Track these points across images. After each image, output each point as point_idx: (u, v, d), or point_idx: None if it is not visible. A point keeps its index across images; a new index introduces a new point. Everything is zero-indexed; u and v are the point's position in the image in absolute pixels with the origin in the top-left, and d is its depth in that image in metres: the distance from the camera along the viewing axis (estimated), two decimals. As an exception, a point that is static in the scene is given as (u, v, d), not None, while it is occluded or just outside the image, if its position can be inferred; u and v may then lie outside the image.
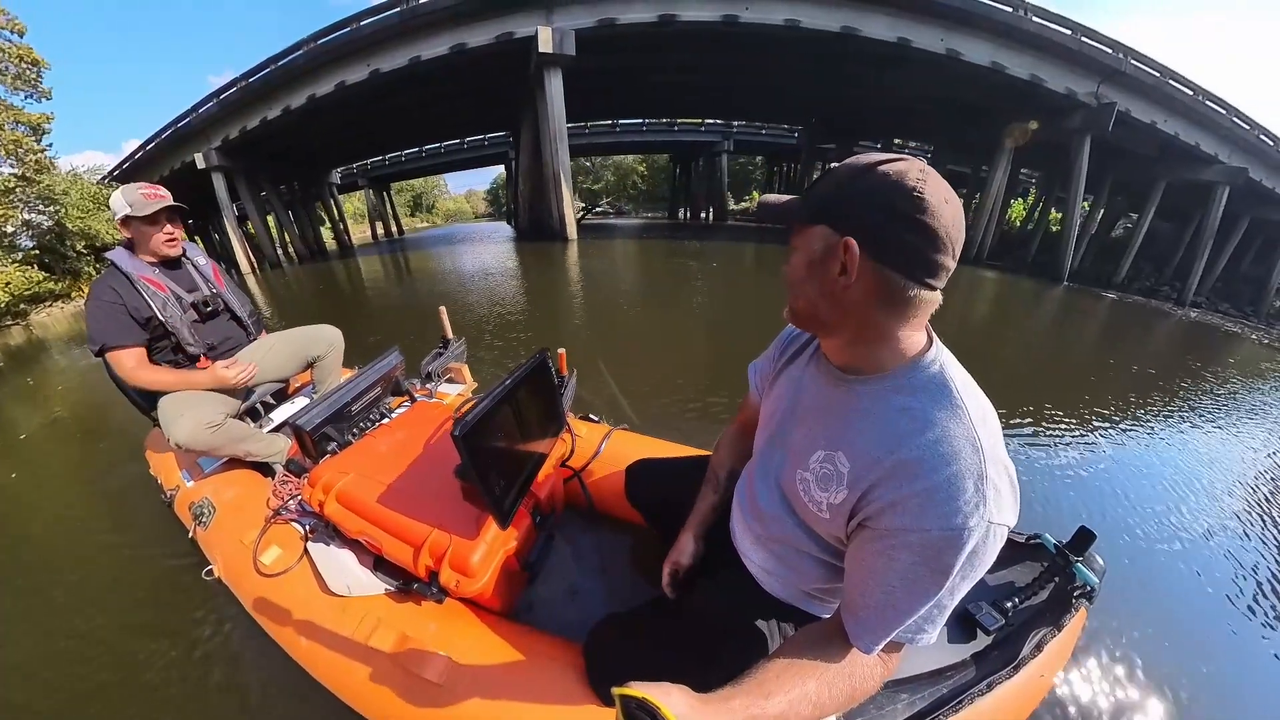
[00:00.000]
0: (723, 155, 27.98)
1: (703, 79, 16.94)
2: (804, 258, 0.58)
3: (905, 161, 0.52)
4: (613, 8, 11.62)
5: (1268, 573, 1.93)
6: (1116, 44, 12.12)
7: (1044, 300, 9.25)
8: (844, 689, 0.57)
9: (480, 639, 1.01)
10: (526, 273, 9.67)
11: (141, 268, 1.59)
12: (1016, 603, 1.07)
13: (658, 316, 5.72)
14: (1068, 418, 3.13)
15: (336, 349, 2.02)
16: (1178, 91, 12.70)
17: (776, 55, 13.75)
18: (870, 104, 18.36)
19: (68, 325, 9.76)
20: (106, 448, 2.94)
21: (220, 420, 1.56)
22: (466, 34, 11.99)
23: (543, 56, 11.64)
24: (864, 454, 0.57)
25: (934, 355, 0.58)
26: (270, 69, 13.39)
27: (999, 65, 12.26)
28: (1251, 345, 7.76)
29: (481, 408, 0.93)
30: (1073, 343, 5.83)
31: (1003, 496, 0.51)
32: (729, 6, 11.61)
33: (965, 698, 0.91)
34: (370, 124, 18.33)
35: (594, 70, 14.02)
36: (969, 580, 0.53)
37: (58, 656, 1.47)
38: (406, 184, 49.26)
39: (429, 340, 2.00)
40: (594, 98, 19.09)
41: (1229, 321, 10.80)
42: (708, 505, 0.99)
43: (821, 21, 11.75)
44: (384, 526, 1.09)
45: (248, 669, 1.34)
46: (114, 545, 1.95)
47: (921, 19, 11.82)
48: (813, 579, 0.75)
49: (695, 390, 3.19)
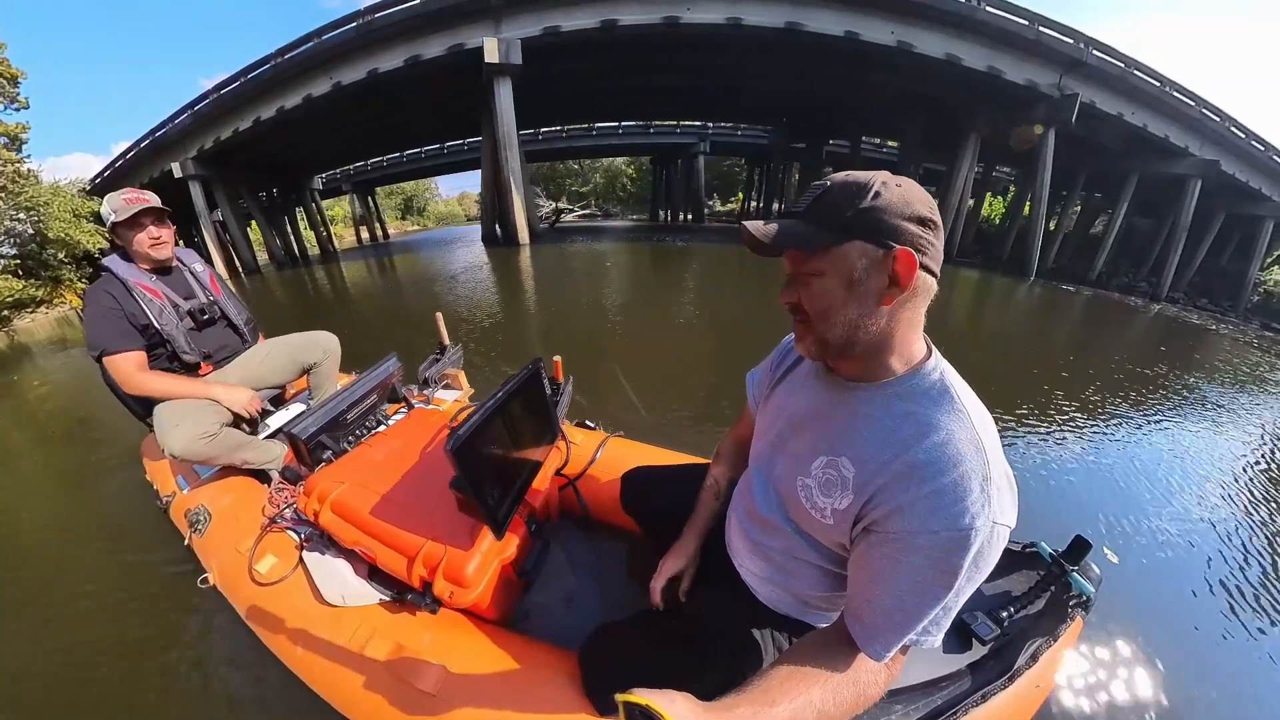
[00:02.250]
0: (699, 157, 28.23)
1: (669, 80, 17.20)
2: (840, 279, 0.55)
3: (889, 174, 0.54)
4: (556, 15, 11.90)
5: (1258, 573, 1.94)
6: (1077, 34, 12.10)
7: (1001, 297, 9.21)
8: (849, 696, 0.57)
9: (475, 648, 1.01)
10: (451, 278, 10.01)
11: (137, 274, 1.59)
12: (1012, 612, 1.07)
13: (538, 322, 5.79)
14: (1006, 416, 3.14)
15: (333, 355, 2.01)
16: (1143, 82, 12.73)
17: (735, 55, 13.87)
18: (839, 103, 18.51)
19: (50, 331, 9.89)
20: (100, 450, 2.94)
21: (216, 430, 1.56)
22: (421, 46, 12.39)
23: (490, 66, 11.99)
24: (870, 459, 0.58)
25: (934, 364, 0.59)
26: (240, 82, 13.79)
27: (954, 57, 12.27)
28: (1215, 338, 7.80)
29: (475, 420, 0.93)
30: (1024, 339, 5.81)
31: (1005, 498, 0.52)
32: (670, 8, 11.77)
33: (960, 708, 0.91)
34: (348, 131, 18.63)
35: (559, 75, 14.40)
36: (974, 582, 0.53)
37: (50, 664, 1.46)
38: (398, 187, 49.09)
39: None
40: (566, 102, 19.47)
41: (1205, 317, 10.81)
42: (709, 513, 0.99)
43: (765, 18, 11.83)
44: (378, 536, 1.09)
45: (242, 678, 1.34)
46: (108, 551, 1.95)
47: (870, 11, 11.84)
48: (812, 587, 0.75)
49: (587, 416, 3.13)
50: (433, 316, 1.96)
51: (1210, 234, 16.78)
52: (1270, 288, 15.24)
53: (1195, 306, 13.08)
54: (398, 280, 11.29)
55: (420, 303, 7.68)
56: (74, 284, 14.16)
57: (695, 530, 0.98)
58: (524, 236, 13.80)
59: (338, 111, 14.82)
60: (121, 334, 1.52)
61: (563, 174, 45.27)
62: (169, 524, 1.70)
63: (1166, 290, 14.35)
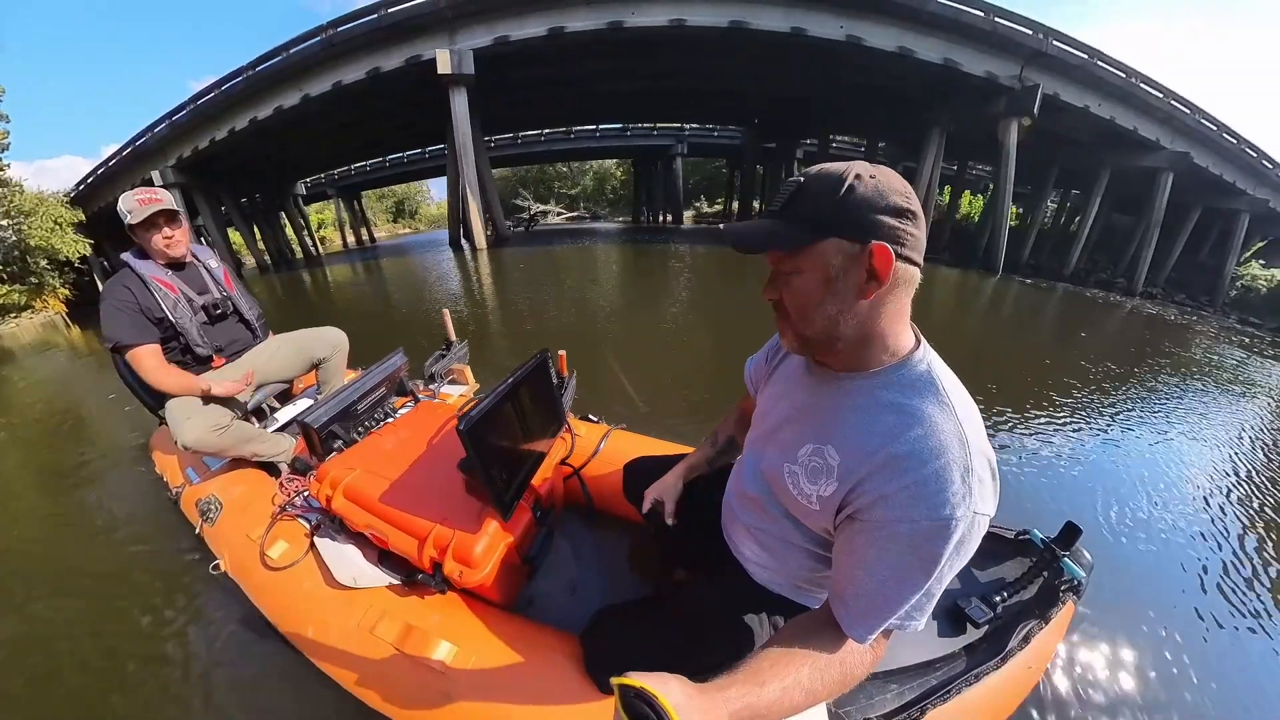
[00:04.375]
0: (677, 159, 28.43)
1: (635, 85, 17.46)
2: (817, 276, 0.56)
3: (865, 164, 0.55)
4: (506, 25, 12.11)
5: (1242, 559, 1.99)
6: (1036, 25, 12.06)
7: (958, 293, 9.16)
8: (835, 675, 0.59)
9: (482, 630, 1.04)
10: (408, 281, 10.51)
11: (153, 269, 1.63)
12: (1005, 597, 1.10)
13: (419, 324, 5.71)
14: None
15: (341, 351, 2.05)
16: (1108, 73, 12.68)
17: (689, 57, 14.01)
18: (803, 102, 18.58)
19: (35, 335, 10.03)
20: (91, 446, 3.00)
21: (227, 423, 1.60)
22: (381, 58, 12.67)
23: (444, 77, 12.29)
24: (855, 448, 0.59)
25: (922, 355, 0.61)
26: (214, 93, 14.16)
27: (907, 50, 12.23)
28: (1176, 329, 7.79)
29: (485, 405, 0.97)
30: (964, 333, 5.79)
31: (985, 488, 0.54)
32: (615, 13, 11.93)
33: (953, 689, 0.94)
34: (327, 139, 19.00)
35: (529, 81, 14.73)
36: (954, 569, 0.55)
37: (65, 650, 1.50)
38: (389, 190, 49.13)
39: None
40: (540, 106, 19.71)
41: (1179, 312, 10.82)
42: (700, 456, 1.05)
43: (708, 18, 11.92)
44: (389, 520, 1.12)
45: (253, 659, 1.37)
46: (121, 541, 1.98)
47: (816, 7, 11.83)
48: (801, 569, 0.78)
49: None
50: (431, 314, 2.00)
51: (1186, 228, 16.73)
52: (1248, 282, 15.11)
53: (1173, 302, 13.08)
54: (352, 282, 12.00)
55: (354, 306, 8.56)
56: (57, 290, 14.41)
57: (682, 466, 1.04)
58: (481, 242, 14.12)
59: (313, 120, 15.17)
60: (137, 328, 1.56)
61: (552, 176, 45.30)
62: (179, 514, 1.73)
63: (1140, 286, 14.34)
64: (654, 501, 1.01)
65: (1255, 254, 17.57)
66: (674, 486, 1.01)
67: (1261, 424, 3.66)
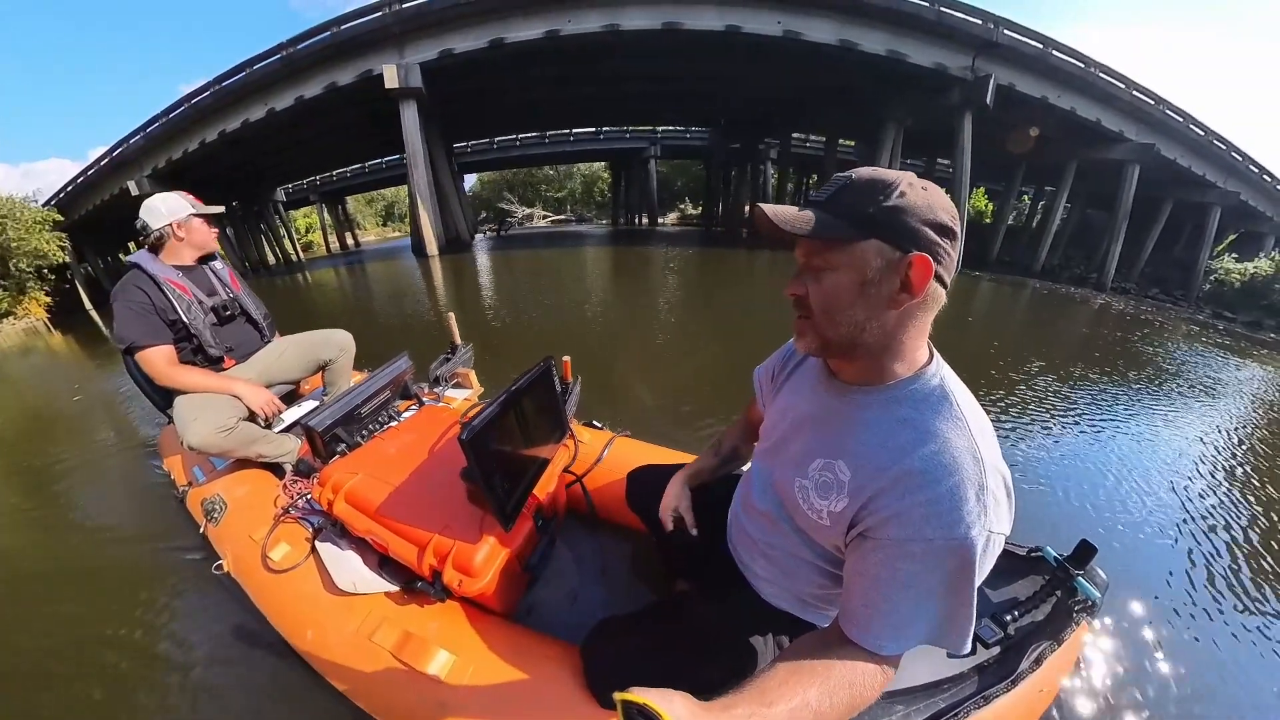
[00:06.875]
0: (651, 161, 28.64)
1: (593, 90, 17.75)
2: (853, 277, 0.54)
3: (916, 176, 0.54)
4: (450, 39, 12.57)
5: (1267, 565, 1.94)
6: (985, 14, 11.95)
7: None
8: (845, 697, 0.56)
9: (481, 639, 1.03)
10: (353, 287, 11.11)
11: (166, 271, 1.64)
12: (1017, 616, 1.06)
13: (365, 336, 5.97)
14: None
15: (348, 353, 2.06)
16: (1064, 63, 12.56)
17: (629, 60, 14.17)
18: (758, 101, 18.58)
19: (18, 340, 10.14)
20: (114, 445, 3.02)
21: (233, 424, 1.60)
22: (337, 73, 13.22)
23: (391, 91, 12.65)
24: (866, 463, 0.58)
25: (935, 369, 0.59)
26: (185, 106, 14.66)
27: (849, 43, 12.15)
28: (1141, 323, 7.66)
29: (488, 413, 0.96)
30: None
31: (1001, 507, 0.53)
32: (551, 22, 12.22)
33: (961, 711, 0.91)
34: (302, 148, 19.40)
35: (489, 90, 15.32)
36: (972, 588, 0.53)
37: (66, 647, 1.50)
38: (379, 194, 49.36)
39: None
40: (509, 112, 20.14)
41: (1148, 307, 10.66)
42: (703, 464, 1.04)
43: (642, 22, 12.11)
44: (390, 526, 1.11)
45: (254, 662, 1.36)
46: (128, 539, 2.00)
47: (750, 3, 11.81)
48: (810, 585, 0.76)
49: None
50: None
51: (1158, 223, 16.56)
52: (1221, 276, 14.78)
53: (1147, 296, 12.92)
54: (321, 285, 12.54)
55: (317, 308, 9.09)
56: (39, 297, 14.60)
57: (683, 473, 1.03)
58: (431, 249, 14.39)
59: (283, 131, 15.63)
60: (151, 329, 1.58)
61: (539, 180, 45.53)
62: (185, 513, 1.74)
63: (1110, 281, 14.17)
64: (674, 518, 0.99)
65: (1228, 247, 17.33)
66: (684, 496, 0.99)
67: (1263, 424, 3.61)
